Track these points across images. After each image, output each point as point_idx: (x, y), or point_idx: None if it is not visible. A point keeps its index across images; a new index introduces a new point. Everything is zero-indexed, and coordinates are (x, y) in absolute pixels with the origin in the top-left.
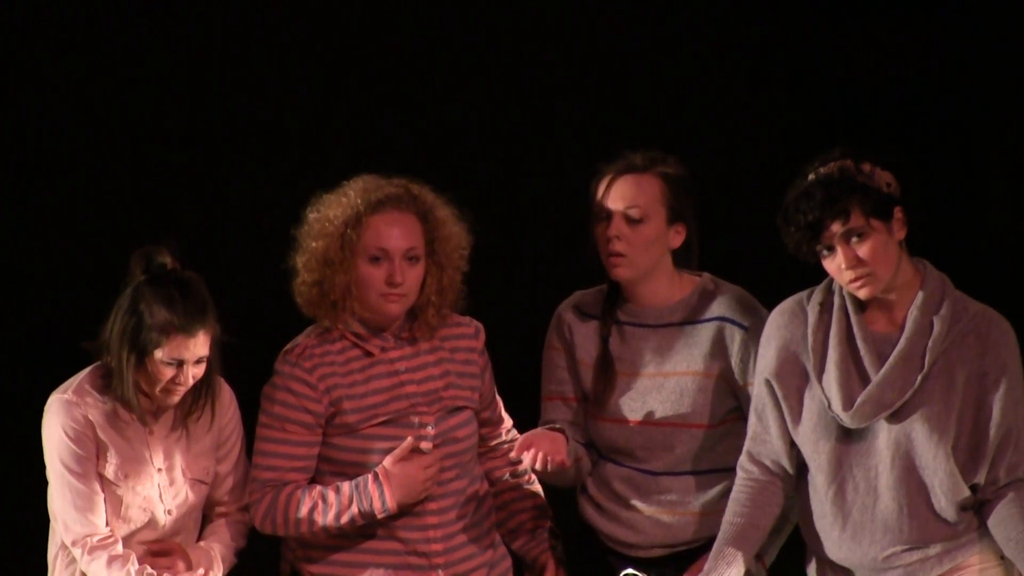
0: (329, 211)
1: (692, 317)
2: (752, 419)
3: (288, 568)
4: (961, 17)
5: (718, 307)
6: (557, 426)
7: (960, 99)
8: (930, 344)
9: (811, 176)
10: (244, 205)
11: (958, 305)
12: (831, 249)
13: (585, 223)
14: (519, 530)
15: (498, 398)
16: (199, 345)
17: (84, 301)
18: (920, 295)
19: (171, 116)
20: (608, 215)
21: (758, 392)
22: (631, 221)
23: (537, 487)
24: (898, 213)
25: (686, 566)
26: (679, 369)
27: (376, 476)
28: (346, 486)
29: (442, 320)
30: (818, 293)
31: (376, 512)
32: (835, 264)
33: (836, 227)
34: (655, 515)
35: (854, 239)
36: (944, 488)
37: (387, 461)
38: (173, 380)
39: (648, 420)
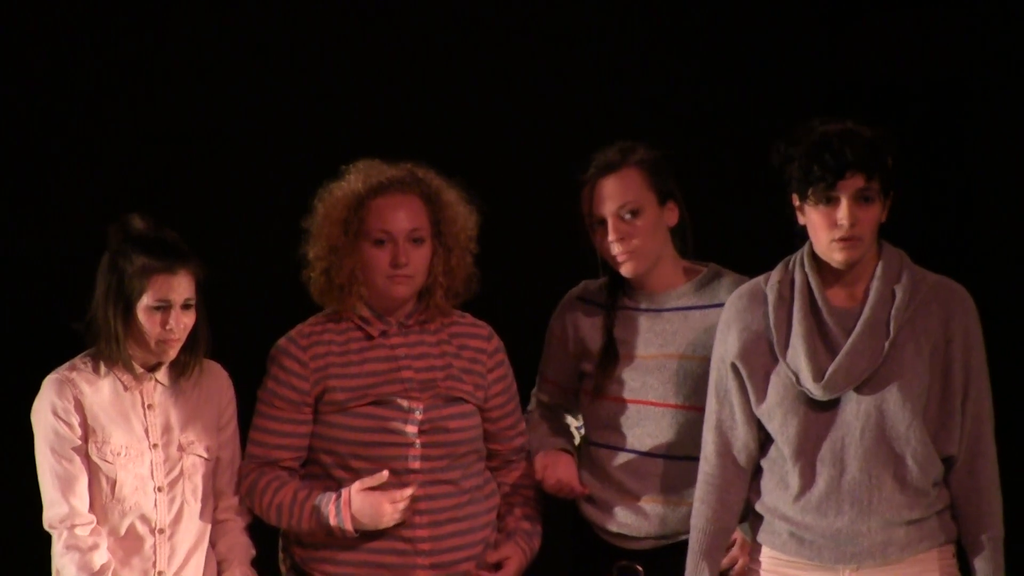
0: (332, 197)
1: (700, 302)
2: (713, 407)
3: (290, 562)
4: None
5: (727, 293)
6: (566, 447)
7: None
8: (893, 312)
9: (847, 124)
10: (247, 198)
11: (916, 275)
12: (831, 201)
13: (575, 219)
14: (501, 530)
15: (521, 423)
16: (183, 285)
17: (82, 297)
18: (880, 265)
19: (173, 105)
20: (603, 221)
21: (718, 378)
22: (627, 218)
23: (534, 500)
24: (891, 199)
25: (679, 558)
26: (684, 352)
27: (339, 496)
28: (314, 496)
29: (453, 301)
30: (775, 274)
31: (334, 531)
32: (830, 217)
33: (858, 181)
34: (650, 505)
35: (863, 200)
36: (918, 457)
37: (355, 486)
38: (164, 327)
39: (647, 399)
